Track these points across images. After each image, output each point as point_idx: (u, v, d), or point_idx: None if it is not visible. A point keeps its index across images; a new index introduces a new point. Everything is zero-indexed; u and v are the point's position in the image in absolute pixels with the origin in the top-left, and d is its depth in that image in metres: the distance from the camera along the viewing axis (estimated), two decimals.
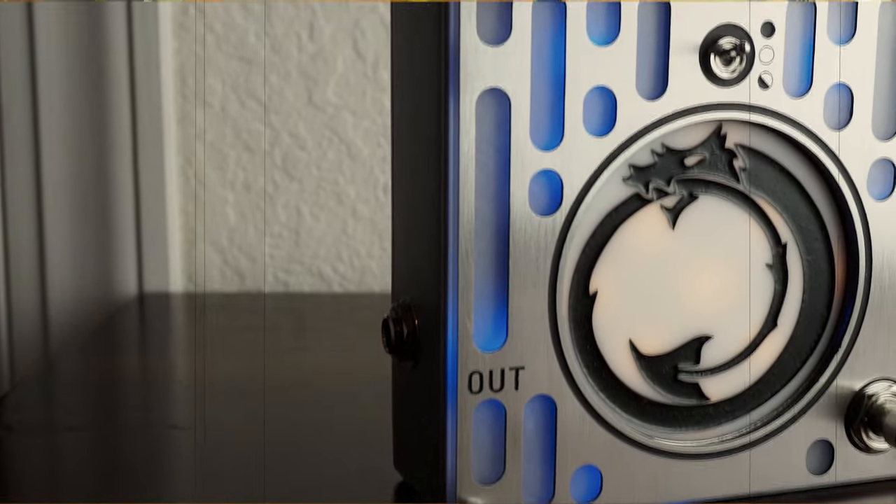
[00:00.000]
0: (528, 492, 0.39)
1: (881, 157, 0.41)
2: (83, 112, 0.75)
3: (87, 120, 0.75)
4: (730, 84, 0.39)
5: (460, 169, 0.37)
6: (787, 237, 0.41)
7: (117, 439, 0.50)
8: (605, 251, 0.39)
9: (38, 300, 0.76)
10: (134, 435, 0.50)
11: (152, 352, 0.69)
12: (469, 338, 0.38)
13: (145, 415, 0.54)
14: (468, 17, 0.36)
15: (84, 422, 0.53)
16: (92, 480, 0.46)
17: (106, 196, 0.76)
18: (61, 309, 0.76)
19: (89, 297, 0.77)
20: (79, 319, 0.76)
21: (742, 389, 0.42)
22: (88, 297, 0.77)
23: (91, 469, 0.48)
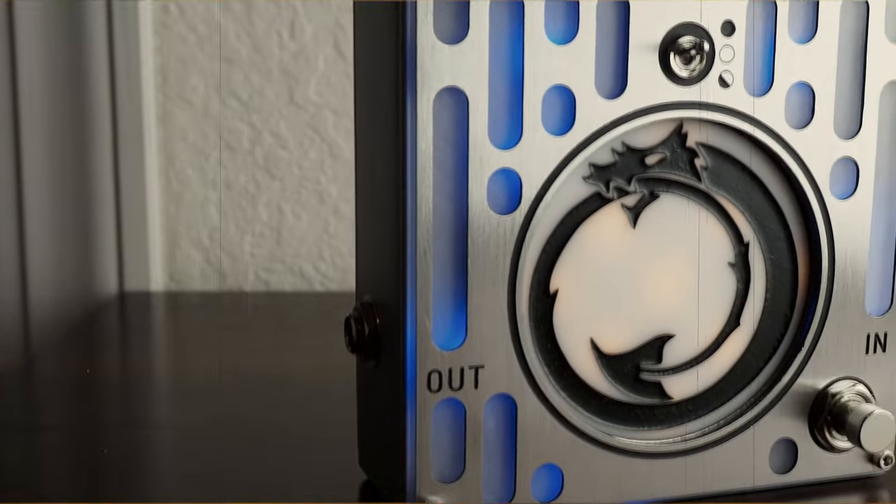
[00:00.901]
0: (489, 490, 0.39)
1: (843, 155, 0.41)
2: (64, 111, 0.75)
3: (67, 119, 0.75)
4: (690, 83, 0.39)
5: (418, 168, 0.37)
6: (749, 236, 0.41)
7: (91, 438, 0.50)
8: (566, 250, 0.39)
9: (18, 298, 0.76)
10: (103, 434, 0.50)
11: (131, 351, 0.69)
12: (428, 336, 0.38)
13: (118, 414, 0.54)
14: (425, 15, 0.36)
15: (61, 420, 0.53)
16: (66, 478, 0.46)
17: (87, 195, 0.76)
18: (42, 307, 0.76)
19: (70, 296, 0.77)
20: (59, 318, 0.76)
21: (705, 388, 0.42)
22: (69, 296, 0.77)
23: (65, 467, 0.48)
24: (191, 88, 0.78)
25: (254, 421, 0.51)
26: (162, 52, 0.78)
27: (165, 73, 0.78)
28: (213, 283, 0.81)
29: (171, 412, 0.55)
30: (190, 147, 0.79)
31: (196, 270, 0.81)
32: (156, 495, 0.44)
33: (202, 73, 0.78)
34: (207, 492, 0.44)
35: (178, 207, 0.80)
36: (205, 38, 0.78)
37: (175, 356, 0.68)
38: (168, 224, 0.80)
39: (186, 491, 0.44)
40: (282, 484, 0.44)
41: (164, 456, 0.48)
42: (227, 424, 0.51)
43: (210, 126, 0.79)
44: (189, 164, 0.79)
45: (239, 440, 0.49)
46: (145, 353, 0.68)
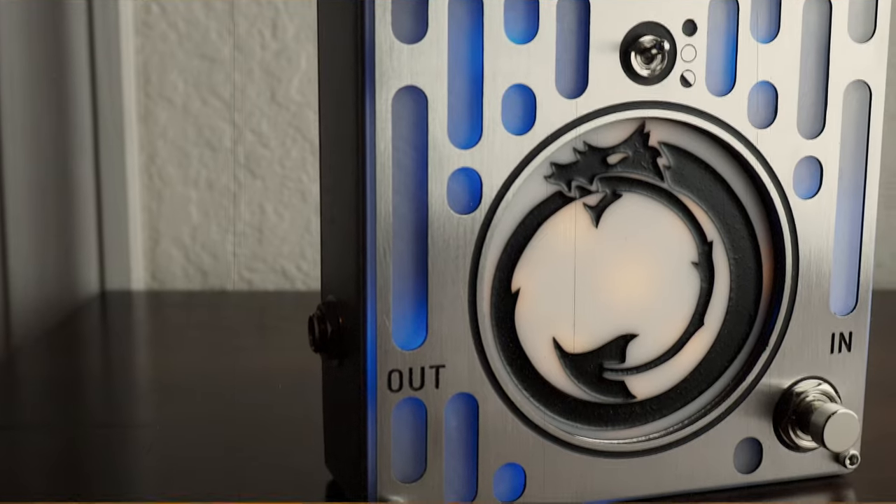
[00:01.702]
0: (451, 490, 0.39)
1: (807, 155, 0.41)
2: (44, 109, 0.75)
3: (48, 117, 0.75)
4: (651, 82, 0.39)
5: (377, 167, 0.37)
6: (713, 235, 0.41)
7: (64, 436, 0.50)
8: (528, 249, 0.39)
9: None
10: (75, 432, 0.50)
11: (111, 350, 0.69)
12: (388, 336, 0.38)
13: (91, 413, 0.54)
14: (383, 14, 0.36)
15: (39, 419, 0.53)
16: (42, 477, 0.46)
17: (68, 194, 0.76)
18: (22, 307, 0.76)
19: (51, 295, 0.77)
20: (40, 317, 0.76)
21: (669, 388, 0.42)
22: (50, 295, 0.77)
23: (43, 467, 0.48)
24: (172, 87, 0.78)
25: (225, 420, 0.51)
26: (143, 51, 0.78)
27: (147, 72, 0.78)
28: (195, 282, 0.81)
29: (144, 411, 0.55)
30: (171, 146, 0.79)
31: (178, 269, 0.81)
32: (122, 495, 0.44)
33: (183, 72, 0.78)
34: (174, 491, 0.44)
35: (159, 206, 0.80)
36: (186, 36, 0.78)
37: (153, 355, 0.68)
38: (150, 223, 0.80)
39: (151, 490, 0.44)
40: (248, 484, 0.44)
41: (132, 455, 0.48)
42: (199, 423, 0.51)
43: (191, 124, 0.79)
44: (170, 162, 0.79)
45: (209, 439, 0.49)
46: (124, 352, 0.68)
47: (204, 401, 0.54)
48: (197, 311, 0.77)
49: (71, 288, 0.77)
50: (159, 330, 0.75)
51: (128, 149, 0.77)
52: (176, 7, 0.78)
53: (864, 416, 0.44)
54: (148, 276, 0.81)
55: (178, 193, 0.80)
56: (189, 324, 0.73)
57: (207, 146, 0.79)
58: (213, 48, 0.78)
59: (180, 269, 0.81)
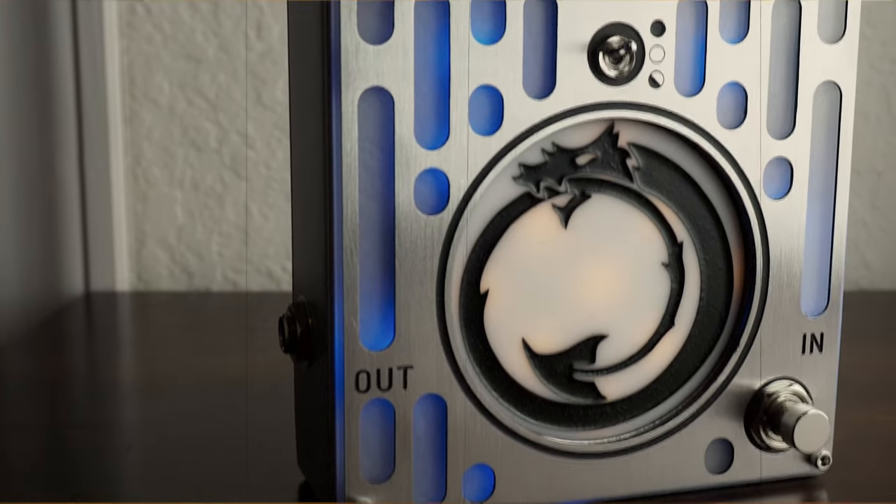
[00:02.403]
0: (420, 491, 0.39)
1: (777, 155, 0.41)
2: (29, 111, 0.75)
3: (32, 119, 0.75)
4: (620, 83, 0.39)
5: (343, 168, 0.37)
6: (683, 236, 0.41)
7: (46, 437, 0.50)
8: (496, 250, 0.39)
9: None
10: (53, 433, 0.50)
11: (94, 350, 0.69)
12: (355, 337, 0.38)
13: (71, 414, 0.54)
14: (348, 15, 0.36)
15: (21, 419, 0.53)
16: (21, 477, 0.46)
17: (52, 195, 0.76)
18: (6, 307, 0.76)
19: (35, 296, 0.77)
20: (24, 317, 0.76)
21: (639, 388, 0.42)
22: (34, 296, 0.77)
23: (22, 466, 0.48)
24: (157, 88, 0.78)
25: (203, 421, 0.51)
26: (128, 53, 0.78)
27: (132, 73, 0.78)
28: (181, 283, 0.81)
29: (123, 412, 0.55)
30: (157, 147, 0.79)
31: (163, 270, 0.81)
32: (95, 495, 0.44)
33: (169, 73, 0.78)
34: (146, 491, 0.44)
35: (144, 207, 0.80)
36: (171, 37, 0.78)
37: (136, 356, 0.68)
38: (135, 224, 0.80)
39: (123, 491, 0.44)
40: (220, 484, 0.44)
41: (105, 455, 0.48)
42: (177, 424, 0.51)
43: (177, 125, 0.79)
44: (156, 163, 0.79)
45: (185, 440, 0.49)
46: (106, 352, 0.68)
47: (183, 401, 0.54)
48: (182, 312, 0.77)
49: (55, 289, 0.77)
50: (143, 330, 0.75)
51: (113, 150, 0.77)
52: (161, 8, 0.78)
53: (839, 416, 0.44)
54: (134, 277, 0.81)
55: (164, 194, 0.80)
56: (173, 324, 0.74)
57: (193, 147, 0.79)
58: (198, 49, 0.78)
59: (166, 269, 0.81)
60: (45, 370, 0.61)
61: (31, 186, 0.76)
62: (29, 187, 0.76)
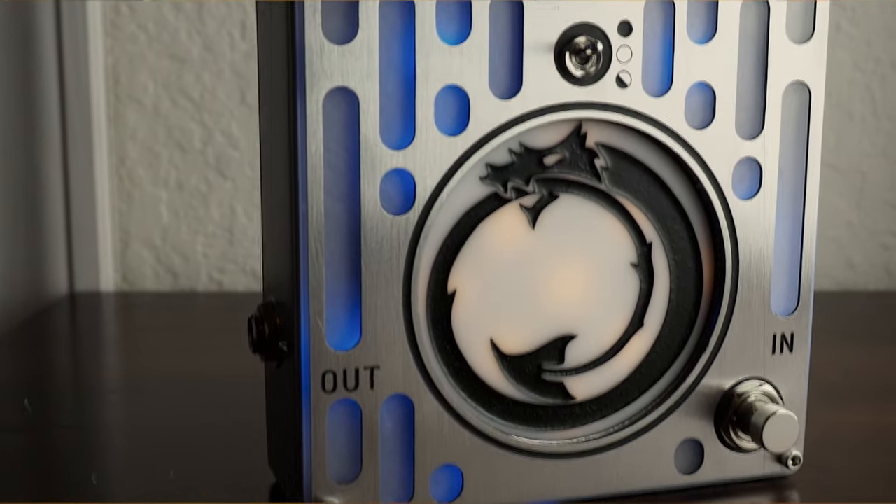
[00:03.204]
0: (388, 491, 0.39)
1: (746, 156, 0.41)
2: (12, 111, 0.75)
3: (16, 119, 0.75)
4: (587, 83, 0.39)
5: (308, 168, 0.37)
6: (652, 236, 0.41)
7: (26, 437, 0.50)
8: (464, 250, 0.39)
9: None
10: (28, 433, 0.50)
11: (78, 351, 0.69)
12: (321, 337, 0.38)
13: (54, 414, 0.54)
14: (313, 15, 0.36)
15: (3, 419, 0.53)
16: None
17: (36, 195, 0.76)
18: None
19: (19, 296, 0.77)
20: (7, 317, 0.76)
21: (609, 389, 0.42)
22: (18, 296, 0.77)
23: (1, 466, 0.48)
24: (141, 88, 0.78)
25: (181, 421, 0.51)
26: (113, 52, 0.78)
27: (116, 73, 0.78)
28: (166, 284, 0.81)
29: (98, 413, 0.55)
30: (141, 147, 0.79)
31: (148, 270, 0.81)
32: (66, 495, 0.44)
33: (153, 73, 0.78)
34: (118, 491, 0.44)
35: (129, 207, 0.80)
36: (155, 37, 0.78)
37: (119, 357, 0.68)
38: (120, 224, 0.80)
39: (95, 490, 0.44)
40: (192, 485, 0.44)
41: (77, 456, 0.48)
42: (156, 425, 0.51)
43: (161, 126, 0.79)
44: (140, 163, 0.79)
45: (161, 440, 0.49)
46: (90, 353, 0.68)
47: (162, 401, 0.54)
48: (167, 313, 0.77)
49: (39, 289, 0.77)
50: (128, 330, 0.75)
51: (97, 150, 0.77)
52: (145, 8, 0.78)
53: (814, 416, 0.44)
54: (118, 278, 0.81)
55: (149, 194, 0.80)
56: (158, 325, 0.73)
57: (177, 147, 0.79)
58: (182, 49, 0.78)
59: (151, 270, 0.81)
60: (28, 370, 0.61)
61: (14, 186, 0.76)
62: (13, 187, 0.76)
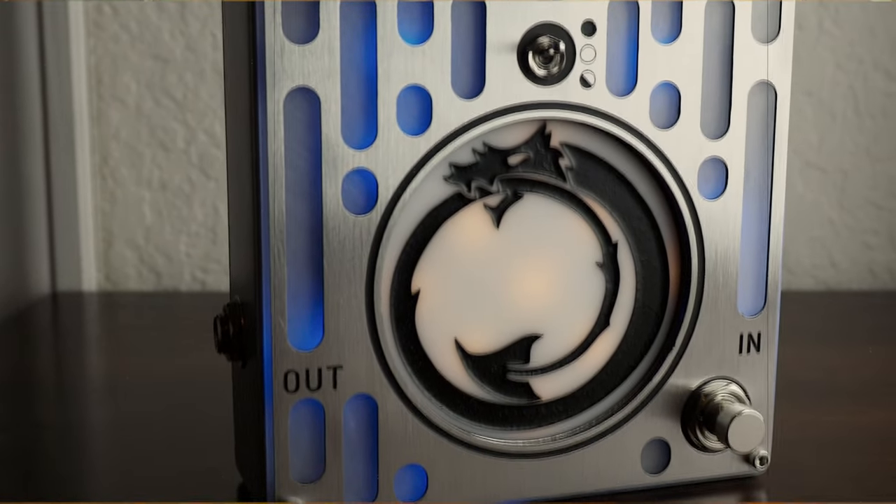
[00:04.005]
0: (351, 491, 0.39)
1: (711, 156, 0.41)
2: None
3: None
4: (550, 83, 0.39)
5: (270, 168, 0.37)
6: (617, 236, 0.41)
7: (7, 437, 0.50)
8: (427, 250, 0.39)
9: None
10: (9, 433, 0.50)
11: (60, 351, 0.69)
12: (283, 337, 0.38)
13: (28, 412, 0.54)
14: (273, 15, 0.36)
15: None
16: None
17: (18, 195, 0.76)
18: None
19: (1, 296, 0.77)
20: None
21: (574, 388, 0.42)
22: (0, 296, 0.77)
23: None
24: (124, 88, 0.78)
25: (152, 420, 0.51)
26: (95, 52, 0.78)
27: (99, 73, 0.78)
28: (149, 283, 0.81)
29: (79, 412, 0.55)
30: (124, 146, 0.79)
31: (131, 270, 0.81)
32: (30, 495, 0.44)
33: (136, 73, 0.78)
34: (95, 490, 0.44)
35: (112, 207, 0.80)
36: (138, 37, 0.78)
37: (100, 356, 0.68)
38: (103, 224, 0.80)
39: (63, 490, 0.44)
40: (160, 484, 0.44)
41: (47, 455, 0.48)
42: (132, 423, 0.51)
43: (144, 125, 0.79)
44: (123, 163, 0.79)
45: (138, 439, 0.49)
46: (71, 353, 0.68)
47: (143, 400, 0.54)
48: (150, 312, 0.77)
49: (21, 289, 0.77)
50: (110, 330, 0.75)
51: (79, 149, 0.77)
52: (128, 8, 0.78)
53: (784, 416, 0.44)
54: (101, 277, 0.81)
55: (132, 194, 0.80)
56: (141, 324, 0.73)
57: (161, 147, 0.79)
58: (165, 49, 0.78)
59: (134, 269, 0.81)
60: (9, 370, 0.61)
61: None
62: None
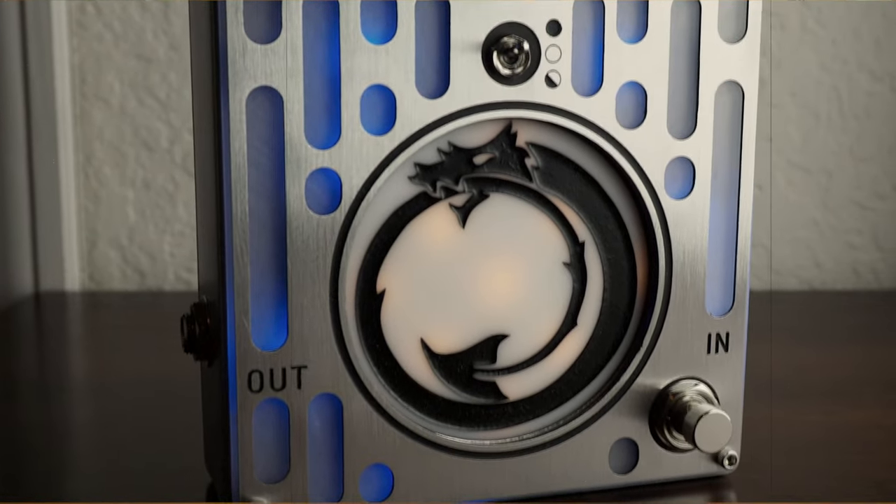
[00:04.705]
0: (317, 490, 0.39)
1: (678, 155, 0.41)
2: None
3: None
4: (516, 82, 0.39)
5: (233, 167, 0.36)
6: (584, 236, 0.41)
7: None
8: (393, 249, 0.39)
9: None
10: None
11: (42, 350, 0.69)
12: (247, 337, 0.38)
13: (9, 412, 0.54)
14: (234, 15, 0.36)
15: None
16: None
17: (1, 194, 0.76)
18: None
19: None
20: None
21: (542, 388, 0.42)
22: None
23: None
24: (108, 87, 0.78)
25: (127, 420, 0.51)
26: (79, 52, 0.78)
27: (83, 73, 0.78)
28: (132, 283, 0.81)
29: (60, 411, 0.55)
30: (108, 146, 0.79)
31: (115, 270, 0.81)
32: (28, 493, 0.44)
33: (119, 72, 0.78)
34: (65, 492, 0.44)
35: (96, 206, 0.80)
36: (121, 36, 0.78)
37: (82, 356, 0.68)
38: (87, 223, 0.80)
39: (32, 490, 0.44)
40: (131, 485, 0.44)
41: (15, 455, 0.48)
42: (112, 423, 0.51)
43: (128, 125, 0.79)
44: (107, 163, 0.79)
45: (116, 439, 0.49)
46: (54, 352, 0.68)
47: (125, 400, 0.54)
48: (133, 312, 0.77)
49: (4, 288, 0.77)
50: (93, 330, 0.75)
51: (62, 149, 0.77)
52: (111, 7, 0.78)
53: (755, 416, 0.44)
54: (85, 277, 0.81)
55: (115, 194, 0.80)
56: (124, 324, 0.73)
57: (144, 146, 0.79)
58: (148, 48, 0.78)
59: (118, 269, 0.81)
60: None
61: None
62: None
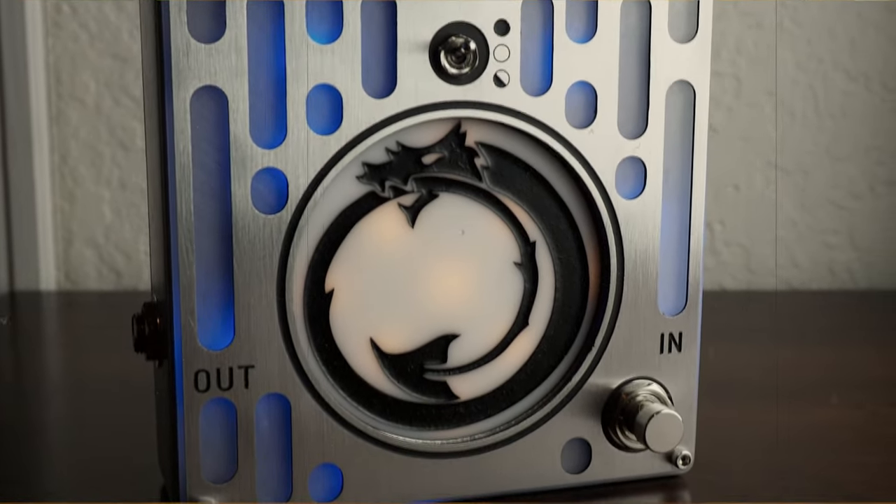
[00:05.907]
0: (265, 490, 0.39)
1: (629, 155, 0.41)
2: None
3: None
4: (464, 82, 0.39)
5: (177, 167, 0.36)
6: (535, 236, 0.41)
7: None
8: (341, 249, 0.39)
9: None
10: None
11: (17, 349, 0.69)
12: (193, 336, 0.38)
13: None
14: (178, 14, 0.36)
15: None
16: None
17: None
18: None
19: None
20: None
21: (493, 388, 0.42)
22: None
23: None
24: (83, 87, 0.78)
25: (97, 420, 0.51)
26: (54, 51, 0.78)
27: (58, 72, 0.78)
28: (109, 283, 0.81)
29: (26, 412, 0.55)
30: (83, 145, 0.79)
31: (91, 269, 0.81)
32: None
33: (95, 72, 0.78)
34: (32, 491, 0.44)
35: (72, 206, 0.80)
36: (97, 36, 0.78)
37: (58, 356, 0.68)
38: (63, 223, 0.80)
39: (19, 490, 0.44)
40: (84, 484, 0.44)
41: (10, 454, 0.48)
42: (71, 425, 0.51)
43: (103, 124, 0.79)
44: (83, 162, 0.79)
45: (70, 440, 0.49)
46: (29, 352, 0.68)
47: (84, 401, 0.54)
48: (110, 311, 0.77)
49: None
50: (69, 329, 0.75)
51: (37, 148, 0.77)
52: (87, 7, 0.78)
53: (717, 416, 0.44)
54: (61, 277, 0.81)
55: (91, 193, 0.80)
56: (100, 323, 0.73)
57: (120, 146, 0.79)
58: (124, 48, 0.78)
59: (94, 269, 0.81)
60: None
61: None
62: None
